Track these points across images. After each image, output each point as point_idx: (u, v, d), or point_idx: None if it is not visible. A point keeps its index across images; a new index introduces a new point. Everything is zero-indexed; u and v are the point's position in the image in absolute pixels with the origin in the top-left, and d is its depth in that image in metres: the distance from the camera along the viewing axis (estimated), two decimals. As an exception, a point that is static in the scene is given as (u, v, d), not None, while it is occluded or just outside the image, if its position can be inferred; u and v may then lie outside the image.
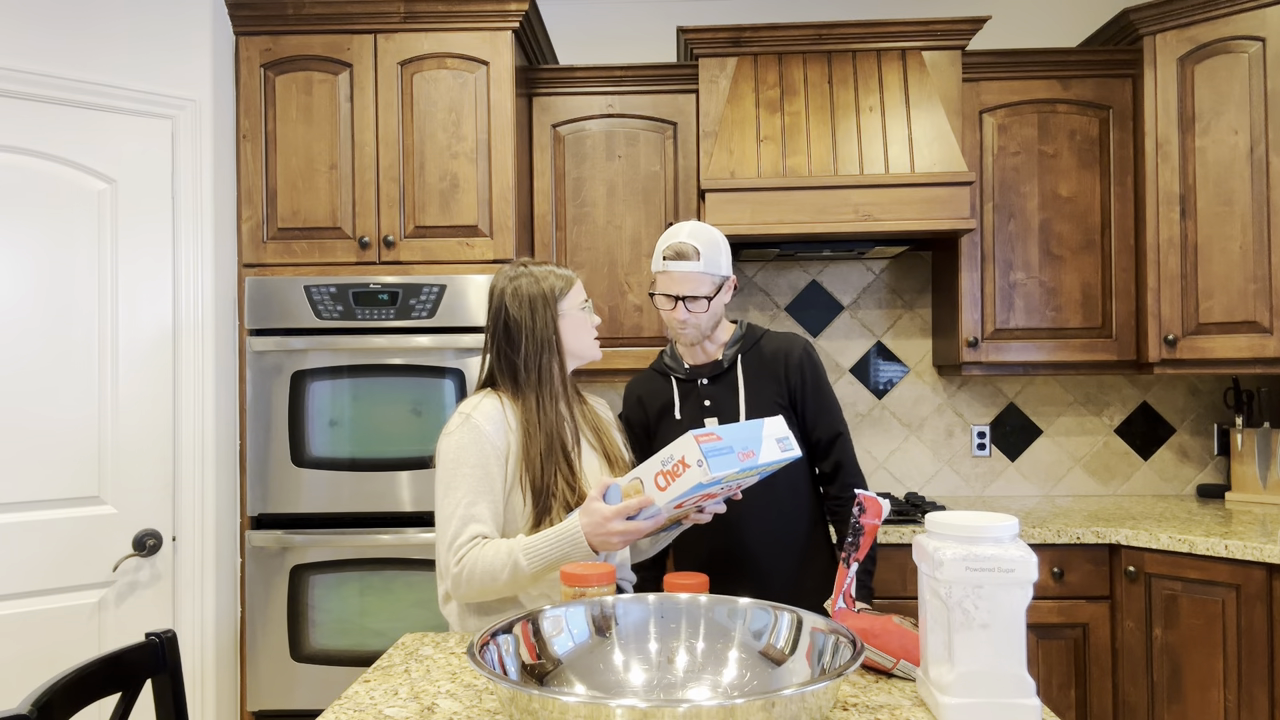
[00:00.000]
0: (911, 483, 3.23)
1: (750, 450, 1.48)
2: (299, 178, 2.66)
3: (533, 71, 2.89)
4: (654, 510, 1.50)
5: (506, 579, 1.58)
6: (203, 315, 2.52)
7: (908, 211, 2.62)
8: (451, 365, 2.58)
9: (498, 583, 1.59)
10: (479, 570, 1.60)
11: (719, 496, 1.57)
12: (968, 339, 2.88)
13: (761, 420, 1.54)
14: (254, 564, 2.58)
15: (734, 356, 1.99)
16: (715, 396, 1.99)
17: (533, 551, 1.57)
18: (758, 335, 2.03)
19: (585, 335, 1.80)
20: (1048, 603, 2.54)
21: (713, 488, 1.47)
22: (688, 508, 1.56)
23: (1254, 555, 2.26)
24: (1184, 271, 2.73)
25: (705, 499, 1.54)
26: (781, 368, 1.98)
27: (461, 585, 1.62)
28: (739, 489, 1.60)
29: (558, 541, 1.56)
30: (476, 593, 1.62)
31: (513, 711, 0.97)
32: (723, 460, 1.43)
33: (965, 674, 1.12)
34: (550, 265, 1.81)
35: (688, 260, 1.86)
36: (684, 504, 1.51)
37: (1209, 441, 3.18)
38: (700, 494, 1.48)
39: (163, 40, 2.49)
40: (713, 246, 1.89)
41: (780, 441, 1.54)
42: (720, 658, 1.22)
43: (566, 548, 1.55)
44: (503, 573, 1.58)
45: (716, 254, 1.89)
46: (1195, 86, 2.71)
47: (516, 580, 1.58)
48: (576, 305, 1.79)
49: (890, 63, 2.82)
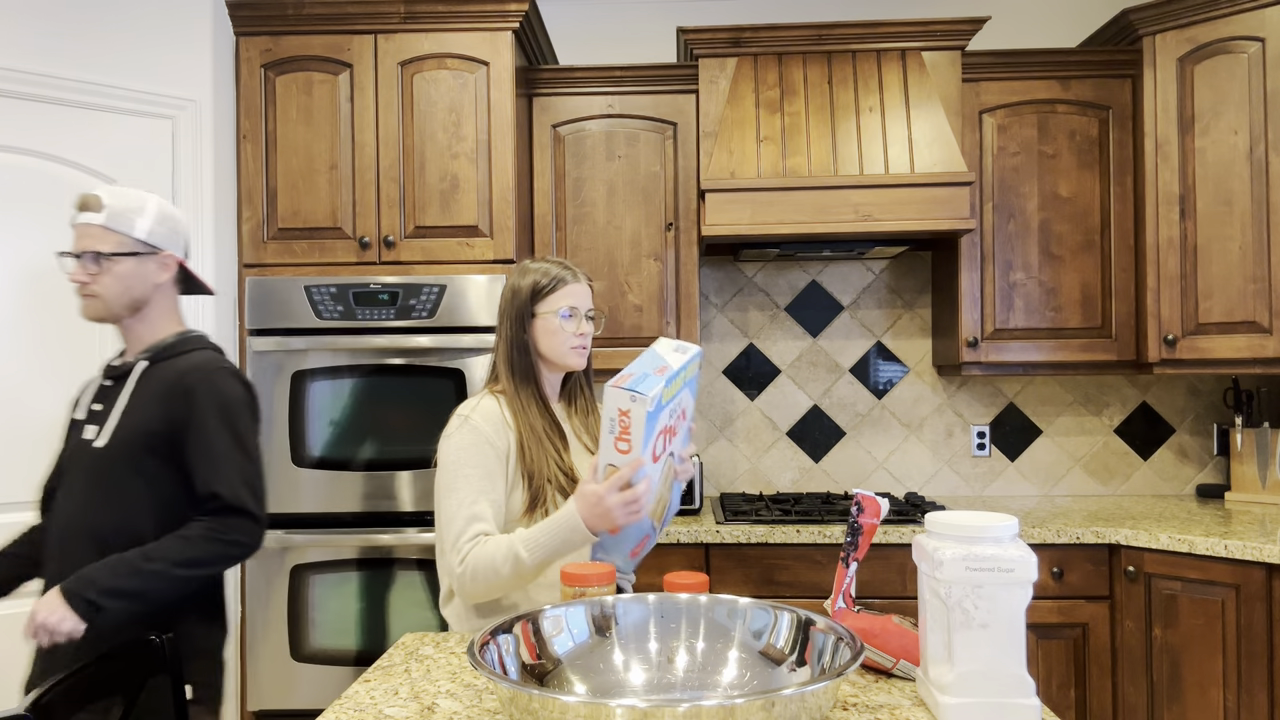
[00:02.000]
0: (911, 483, 3.24)
1: (661, 365, 1.50)
2: (299, 178, 2.66)
3: (533, 72, 2.90)
4: (643, 471, 1.50)
5: (509, 573, 1.57)
6: (203, 315, 2.52)
7: (907, 212, 2.62)
8: (451, 365, 2.59)
9: (500, 577, 1.58)
10: (482, 565, 1.59)
11: (678, 434, 1.59)
12: (967, 339, 2.88)
13: (649, 348, 1.56)
14: (254, 564, 2.58)
15: (136, 365, 1.73)
16: (104, 400, 1.75)
17: (532, 542, 1.56)
18: (182, 350, 1.76)
19: (557, 341, 1.74)
20: (1047, 603, 2.54)
21: (662, 416, 1.49)
22: (665, 459, 1.57)
23: (1254, 555, 2.26)
24: (1184, 271, 2.73)
25: (669, 436, 1.55)
26: (175, 395, 1.68)
27: (466, 583, 1.61)
28: (685, 416, 1.60)
29: (555, 529, 1.55)
30: (482, 590, 1.61)
31: (513, 711, 0.97)
32: (646, 383, 1.46)
33: (965, 674, 1.12)
34: (559, 262, 1.78)
35: (89, 212, 1.69)
36: (659, 452, 1.53)
37: (1209, 441, 3.18)
38: (660, 430, 1.51)
39: (163, 40, 2.49)
40: (128, 203, 1.70)
41: (677, 348, 1.57)
42: (720, 658, 1.22)
43: (565, 533, 1.54)
44: (504, 566, 1.57)
45: (134, 214, 1.70)
46: (1195, 87, 2.71)
47: (519, 573, 1.57)
48: (554, 309, 1.73)
49: (890, 63, 2.82)
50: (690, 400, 1.61)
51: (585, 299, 1.78)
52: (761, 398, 3.26)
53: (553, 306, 1.73)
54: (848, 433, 3.24)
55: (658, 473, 1.55)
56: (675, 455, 1.61)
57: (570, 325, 1.74)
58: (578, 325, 1.75)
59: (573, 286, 1.75)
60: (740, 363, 3.27)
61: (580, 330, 1.75)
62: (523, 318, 1.74)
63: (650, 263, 2.91)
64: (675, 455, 1.61)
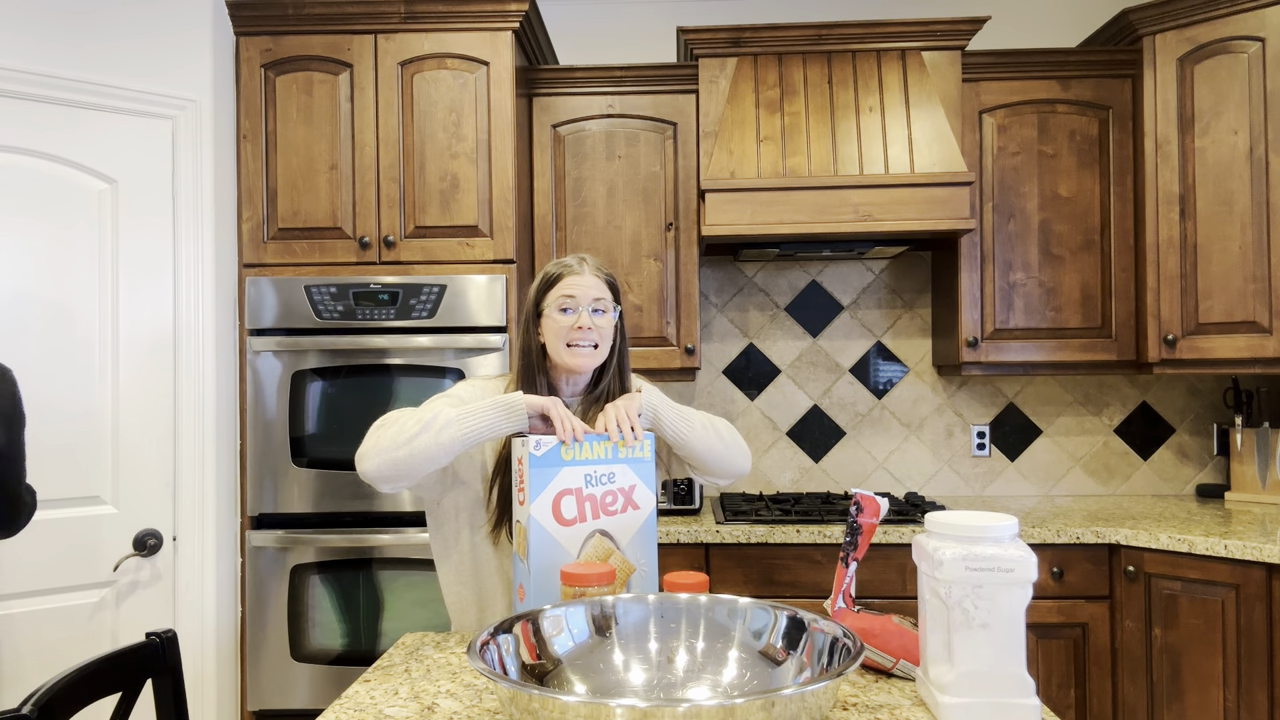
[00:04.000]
0: (911, 483, 3.24)
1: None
2: (299, 178, 2.66)
3: (533, 72, 2.90)
4: (534, 522, 1.48)
5: (426, 420, 1.48)
6: (203, 315, 2.52)
7: (907, 211, 2.62)
8: (452, 365, 2.59)
9: (418, 423, 1.48)
10: (402, 414, 1.52)
11: (616, 512, 1.54)
12: (967, 339, 2.88)
13: None
14: (254, 564, 2.58)
15: None
16: None
17: (462, 405, 1.52)
18: None
19: (555, 339, 1.62)
20: (1047, 602, 2.54)
21: (561, 474, 1.49)
22: (593, 535, 1.53)
23: (1253, 555, 2.26)
24: (1183, 271, 2.73)
25: (590, 504, 1.52)
26: None
27: (374, 431, 1.52)
28: (628, 496, 1.54)
29: (492, 400, 1.51)
30: (389, 438, 1.49)
31: (513, 711, 0.97)
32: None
33: (965, 674, 1.12)
34: (574, 257, 1.67)
35: None
36: (568, 517, 1.50)
37: (1208, 441, 3.18)
38: (564, 490, 1.50)
39: (163, 40, 2.49)
40: None
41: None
42: (720, 657, 1.22)
43: (507, 399, 1.51)
44: (424, 413, 1.49)
45: None
46: (1195, 87, 2.71)
47: (435, 428, 1.47)
48: (554, 304, 1.61)
49: (890, 63, 2.82)
50: (637, 479, 1.55)
51: (589, 289, 1.62)
52: (761, 398, 3.26)
53: (553, 301, 1.62)
54: (848, 433, 3.25)
55: (571, 540, 1.50)
56: (616, 542, 1.52)
57: (566, 319, 1.60)
58: (576, 319, 1.60)
59: (573, 278, 1.62)
60: (740, 363, 3.27)
61: (579, 324, 1.59)
62: (529, 320, 1.67)
63: (650, 263, 2.91)
64: (616, 542, 1.52)
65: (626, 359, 1.72)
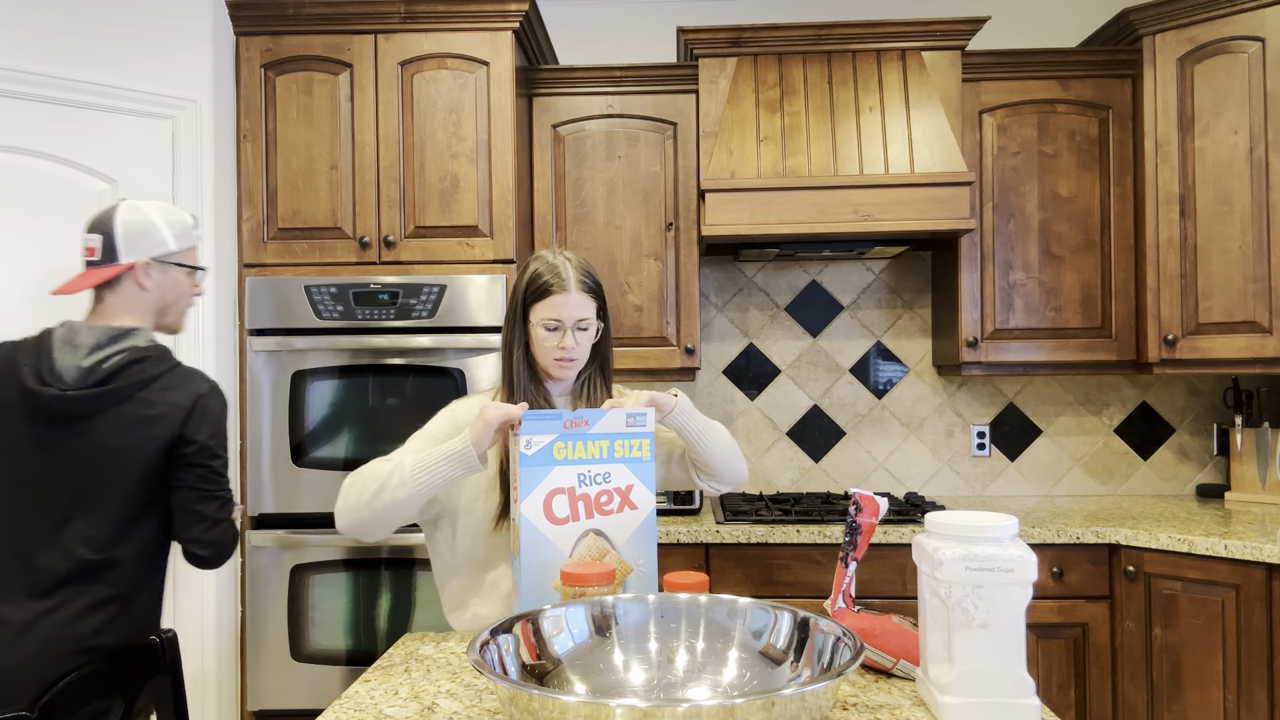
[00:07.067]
0: (911, 483, 3.24)
1: (583, 420, 1.50)
2: (299, 178, 2.66)
3: (533, 72, 2.90)
4: (525, 521, 1.48)
5: (386, 474, 1.56)
6: (203, 315, 2.52)
7: (907, 211, 2.62)
8: (452, 365, 2.59)
9: (377, 480, 1.56)
10: (366, 470, 1.60)
11: (612, 512, 1.53)
12: (967, 339, 2.88)
13: (606, 410, 1.53)
14: (254, 564, 2.58)
15: None
16: None
17: (419, 453, 1.58)
18: None
19: (542, 351, 1.68)
20: (1047, 602, 2.54)
21: (553, 473, 1.48)
22: (587, 535, 1.52)
23: (1253, 555, 2.26)
24: (1183, 271, 2.73)
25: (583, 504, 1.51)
26: None
27: (344, 488, 1.62)
28: (625, 495, 1.53)
29: (445, 446, 1.55)
30: (354, 498, 1.58)
31: (513, 711, 0.97)
32: (538, 426, 1.47)
33: (965, 674, 1.12)
34: (554, 268, 1.66)
35: None
36: (560, 516, 1.49)
37: (1208, 441, 3.18)
38: (556, 489, 1.49)
39: (163, 40, 2.49)
40: None
41: (631, 418, 1.53)
42: (720, 657, 1.22)
43: (453, 448, 1.53)
44: (385, 466, 1.57)
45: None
46: (1195, 87, 2.71)
47: (391, 486, 1.55)
48: (540, 319, 1.66)
49: (890, 63, 2.82)
50: (635, 480, 1.53)
51: (574, 310, 1.66)
52: (761, 398, 3.26)
53: (539, 316, 1.66)
54: (848, 433, 3.25)
55: (563, 539, 1.49)
56: (611, 541, 1.51)
57: (552, 338, 1.66)
58: (560, 339, 1.66)
59: (558, 298, 1.64)
60: (740, 363, 3.27)
61: (562, 344, 1.66)
62: (514, 316, 1.70)
63: (650, 263, 2.91)
64: (611, 541, 1.51)
65: (609, 349, 1.78)
